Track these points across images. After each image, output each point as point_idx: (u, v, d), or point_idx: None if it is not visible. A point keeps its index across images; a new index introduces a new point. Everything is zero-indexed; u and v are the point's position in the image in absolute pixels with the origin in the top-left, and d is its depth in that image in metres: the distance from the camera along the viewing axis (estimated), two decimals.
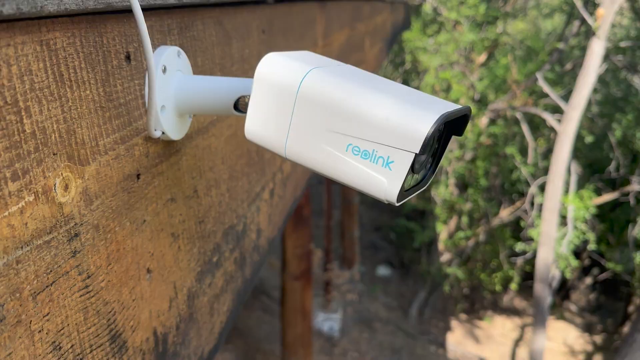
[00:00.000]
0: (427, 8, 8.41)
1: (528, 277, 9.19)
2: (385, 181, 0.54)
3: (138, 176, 0.61)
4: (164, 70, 0.62)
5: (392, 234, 10.32)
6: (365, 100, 0.54)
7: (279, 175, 1.25)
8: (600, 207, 10.02)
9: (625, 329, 9.68)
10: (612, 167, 8.38)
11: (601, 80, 9.35)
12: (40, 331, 0.46)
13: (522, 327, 9.52)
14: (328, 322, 7.31)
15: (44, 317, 0.46)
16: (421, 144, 0.51)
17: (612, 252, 9.82)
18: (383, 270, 9.18)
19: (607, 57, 8.57)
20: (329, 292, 7.23)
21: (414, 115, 0.52)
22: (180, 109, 0.66)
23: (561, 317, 10.24)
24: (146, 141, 0.62)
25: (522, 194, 8.56)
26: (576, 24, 8.16)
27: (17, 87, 0.42)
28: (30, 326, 0.45)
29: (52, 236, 0.47)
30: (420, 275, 9.06)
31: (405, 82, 9.98)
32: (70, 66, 0.48)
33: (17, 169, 0.42)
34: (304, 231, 5.97)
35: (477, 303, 9.92)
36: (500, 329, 9.35)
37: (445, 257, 8.63)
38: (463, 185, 8.57)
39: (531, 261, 8.12)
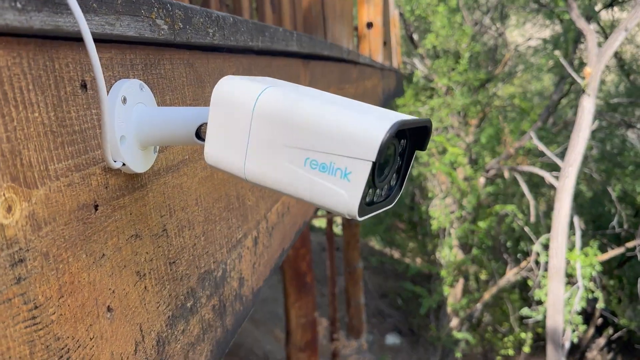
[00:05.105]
0: (418, 75, 8.66)
1: (540, 337, 8.89)
2: (345, 194, 0.52)
3: (96, 207, 0.59)
4: (124, 101, 0.62)
5: (398, 299, 10.09)
6: (319, 112, 0.53)
7: (263, 224, 1.23)
8: (607, 264, 9.86)
9: None
10: (615, 222, 8.31)
11: (596, 137, 9.48)
12: None
13: None
14: None
15: None
16: (377, 150, 0.49)
17: (624, 309, 9.58)
18: (392, 339, 8.91)
19: (599, 114, 8.71)
20: None
21: (368, 123, 0.51)
22: (142, 141, 0.65)
23: None
24: (105, 172, 0.61)
25: (527, 253, 8.45)
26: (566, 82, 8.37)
27: None
28: None
29: None
30: (430, 342, 8.78)
31: None
32: (15, 86, 0.48)
33: None
34: (307, 299, 5.82)
35: None
36: None
37: (454, 321, 8.39)
38: (467, 247, 8.48)
39: (543, 322, 7.89)
